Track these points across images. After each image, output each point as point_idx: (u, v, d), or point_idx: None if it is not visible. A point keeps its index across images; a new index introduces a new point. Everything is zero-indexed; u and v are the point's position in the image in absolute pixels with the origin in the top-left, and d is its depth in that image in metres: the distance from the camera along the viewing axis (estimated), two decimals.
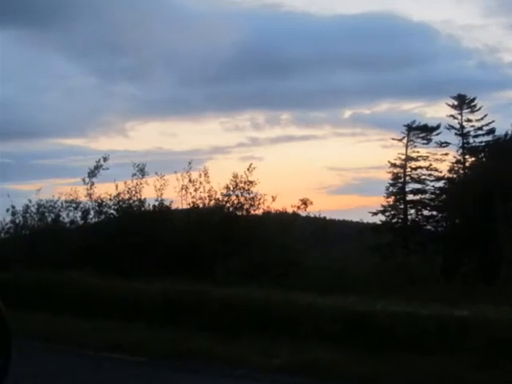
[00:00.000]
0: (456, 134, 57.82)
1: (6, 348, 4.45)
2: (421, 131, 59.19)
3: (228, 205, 22.89)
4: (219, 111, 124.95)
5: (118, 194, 22.58)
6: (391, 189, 59.58)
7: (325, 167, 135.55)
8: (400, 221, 59.12)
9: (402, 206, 59.05)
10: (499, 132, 55.38)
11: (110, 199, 22.71)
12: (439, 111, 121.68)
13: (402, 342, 10.78)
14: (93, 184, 22.67)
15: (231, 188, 22.84)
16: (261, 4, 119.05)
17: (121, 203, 22.61)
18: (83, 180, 22.61)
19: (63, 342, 12.71)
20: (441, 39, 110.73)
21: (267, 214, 23.49)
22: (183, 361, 11.18)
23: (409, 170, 59.39)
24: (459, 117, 57.95)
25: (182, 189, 22.62)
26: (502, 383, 9.30)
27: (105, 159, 22.85)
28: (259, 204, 23.03)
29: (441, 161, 59.13)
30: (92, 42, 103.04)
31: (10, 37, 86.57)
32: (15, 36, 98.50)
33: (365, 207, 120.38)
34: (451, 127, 57.93)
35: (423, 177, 59.24)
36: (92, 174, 22.64)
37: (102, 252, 20.04)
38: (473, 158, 56.64)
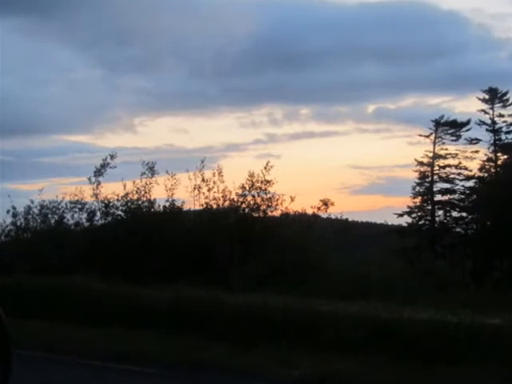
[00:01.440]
0: (487, 130, 57.31)
1: (6, 355, 4.42)
2: (449, 127, 58.75)
3: (243, 206, 22.78)
4: (234, 106, 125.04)
5: (126, 194, 22.56)
6: (418, 188, 59.12)
7: (347, 165, 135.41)
8: (427, 222, 58.71)
9: (429, 207, 58.62)
10: None
11: (118, 199, 22.69)
12: (469, 106, 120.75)
13: (429, 351, 10.69)
14: (99, 183, 22.75)
15: (247, 188, 22.71)
16: None
17: (129, 204, 22.56)
18: (89, 179, 22.68)
19: (66, 351, 12.68)
20: (471, 29, 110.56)
21: (285, 215, 23.37)
22: (196, 372, 11.12)
23: (437, 168, 58.95)
24: (490, 112, 57.42)
25: (195, 189, 22.55)
26: None
27: (112, 157, 22.89)
28: (277, 205, 22.92)
29: (471, 159, 58.62)
30: (97, 32, 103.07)
31: (10, 26, 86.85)
32: (16, 25, 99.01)
33: (390, 208, 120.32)
34: (482, 123, 57.42)
35: (452, 176, 58.74)
36: (98, 172, 22.66)
37: (108, 255, 20.05)
38: (505, 156, 56.23)
